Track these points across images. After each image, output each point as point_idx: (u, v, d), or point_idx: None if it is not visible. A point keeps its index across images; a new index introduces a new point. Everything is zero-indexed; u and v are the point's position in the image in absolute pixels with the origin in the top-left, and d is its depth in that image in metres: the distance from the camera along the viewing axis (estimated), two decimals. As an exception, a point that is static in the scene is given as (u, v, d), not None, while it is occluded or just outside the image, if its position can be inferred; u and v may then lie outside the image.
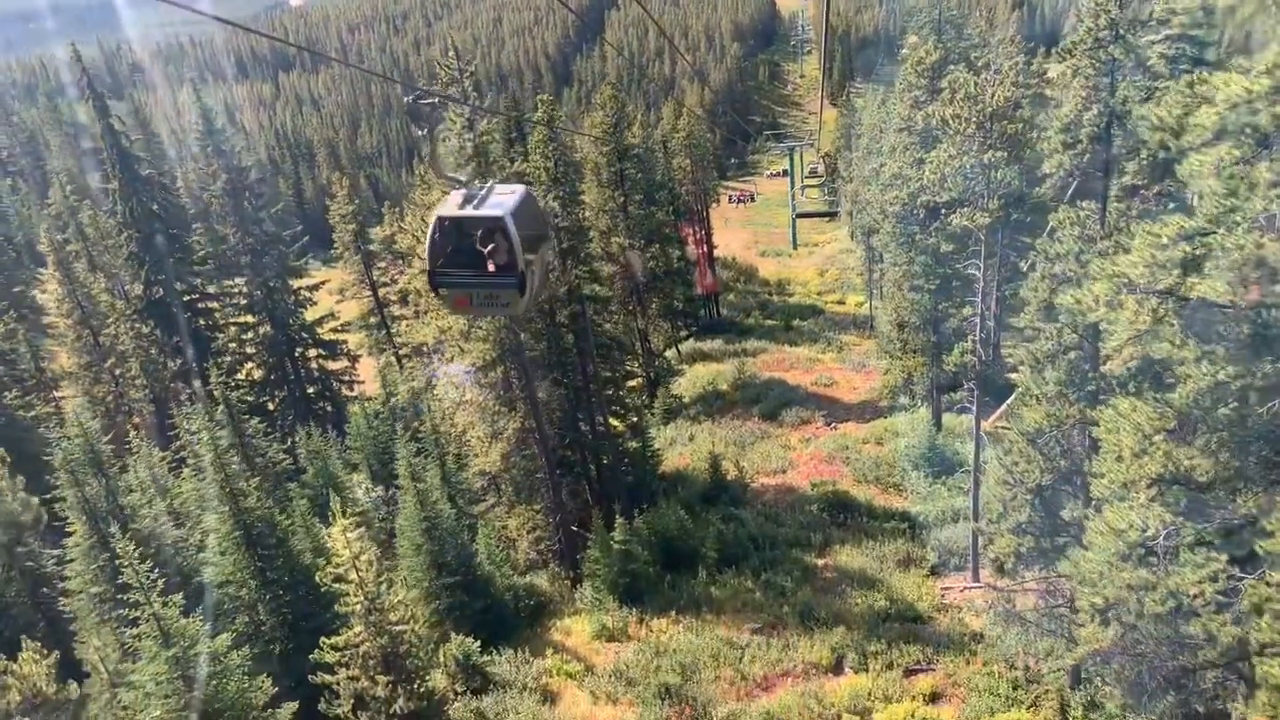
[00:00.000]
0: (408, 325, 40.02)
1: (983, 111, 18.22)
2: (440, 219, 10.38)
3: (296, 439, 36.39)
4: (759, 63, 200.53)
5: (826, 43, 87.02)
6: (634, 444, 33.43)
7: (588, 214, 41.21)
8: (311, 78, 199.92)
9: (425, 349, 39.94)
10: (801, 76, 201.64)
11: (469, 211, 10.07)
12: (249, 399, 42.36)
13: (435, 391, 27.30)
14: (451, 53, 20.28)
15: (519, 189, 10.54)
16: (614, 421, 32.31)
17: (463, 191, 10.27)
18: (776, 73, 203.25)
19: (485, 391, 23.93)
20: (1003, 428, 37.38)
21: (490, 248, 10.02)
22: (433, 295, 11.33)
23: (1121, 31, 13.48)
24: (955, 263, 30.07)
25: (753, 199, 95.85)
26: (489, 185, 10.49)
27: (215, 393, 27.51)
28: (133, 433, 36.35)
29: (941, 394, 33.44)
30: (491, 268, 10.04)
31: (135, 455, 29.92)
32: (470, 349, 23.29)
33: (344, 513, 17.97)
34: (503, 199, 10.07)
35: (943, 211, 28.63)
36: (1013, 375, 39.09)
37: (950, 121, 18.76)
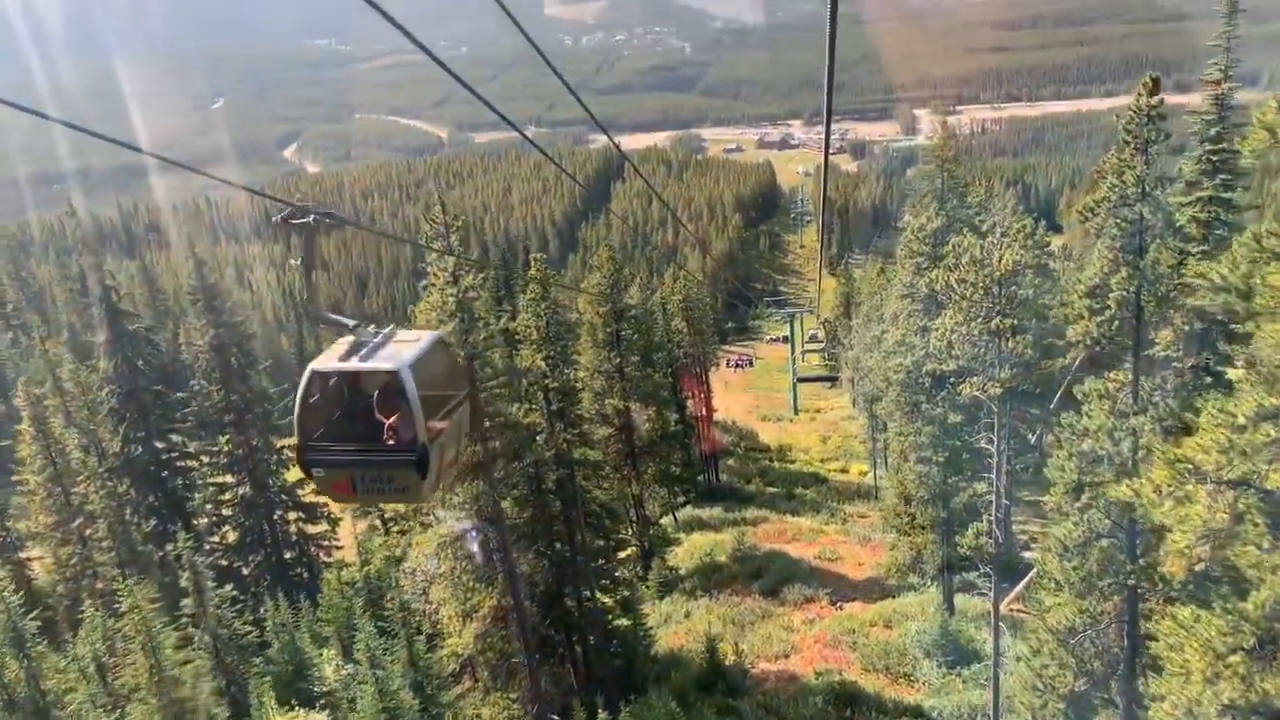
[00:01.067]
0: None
1: (990, 276, 17.24)
2: (315, 374, 8.23)
3: (265, 609, 34.04)
4: (760, 233, 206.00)
5: (824, 215, 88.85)
6: (624, 621, 31.05)
7: (582, 374, 40.27)
8: (323, 239, 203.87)
9: (408, 513, 38.10)
10: (801, 246, 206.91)
11: (354, 364, 7.97)
12: (223, 563, 40.52)
13: (407, 563, 25.27)
14: (438, 206, 19.47)
15: (426, 336, 8.60)
16: (603, 597, 30.07)
17: (350, 339, 8.24)
18: (777, 242, 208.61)
19: (459, 564, 22.01)
20: (1019, 611, 35.01)
21: (384, 414, 7.98)
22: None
23: (1149, 189, 12.55)
24: (964, 434, 28.68)
25: (751, 363, 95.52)
26: (387, 330, 8.48)
27: (181, 559, 25.70)
28: (88, 601, 34.09)
29: (953, 574, 31.30)
30: (390, 440, 7.93)
31: (86, 628, 27.73)
32: (443, 517, 21.59)
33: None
34: (401, 349, 8.06)
35: (950, 380, 27.40)
36: (1027, 554, 37.03)
37: (956, 287, 17.78)
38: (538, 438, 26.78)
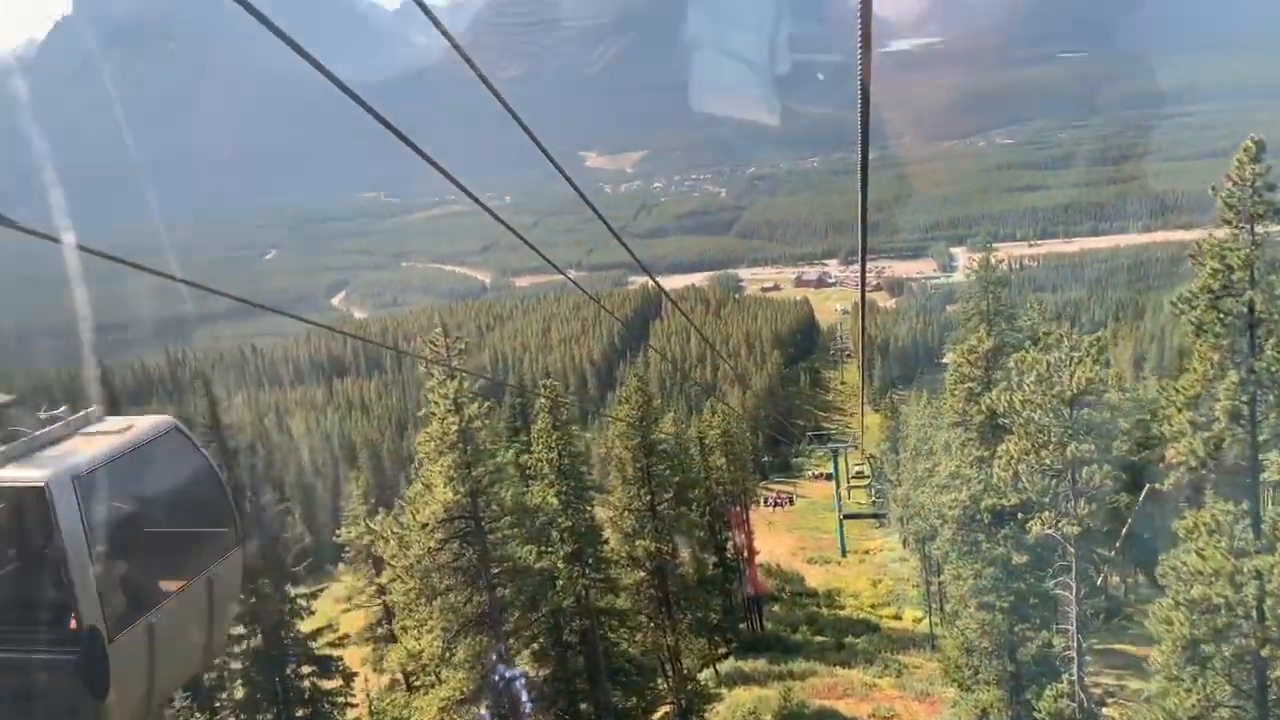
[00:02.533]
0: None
1: (1059, 397, 15.12)
2: None
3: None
4: (800, 370, 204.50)
5: (864, 350, 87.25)
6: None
7: (611, 513, 37.90)
8: (365, 383, 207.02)
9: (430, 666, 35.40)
10: (843, 383, 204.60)
11: None
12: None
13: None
14: (439, 329, 17.90)
15: (144, 424, 5.60)
16: (631, 764, 26.97)
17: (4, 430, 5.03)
18: (818, 379, 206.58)
19: (464, 733, 19.47)
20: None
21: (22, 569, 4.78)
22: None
23: (1259, 274, 10.54)
24: (1030, 577, 25.79)
25: (792, 502, 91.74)
26: (77, 416, 5.46)
27: None
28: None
29: (1027, 736, 27.70)
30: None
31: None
32: (446, 678, 19.14)
33: None
34: (83, 448, 4.95)
35: (1012, 516, 24.76)
36: (1104, 710, 33.15)
37: (1020, 409, 15.64)
38: (556, 583, 24.44)
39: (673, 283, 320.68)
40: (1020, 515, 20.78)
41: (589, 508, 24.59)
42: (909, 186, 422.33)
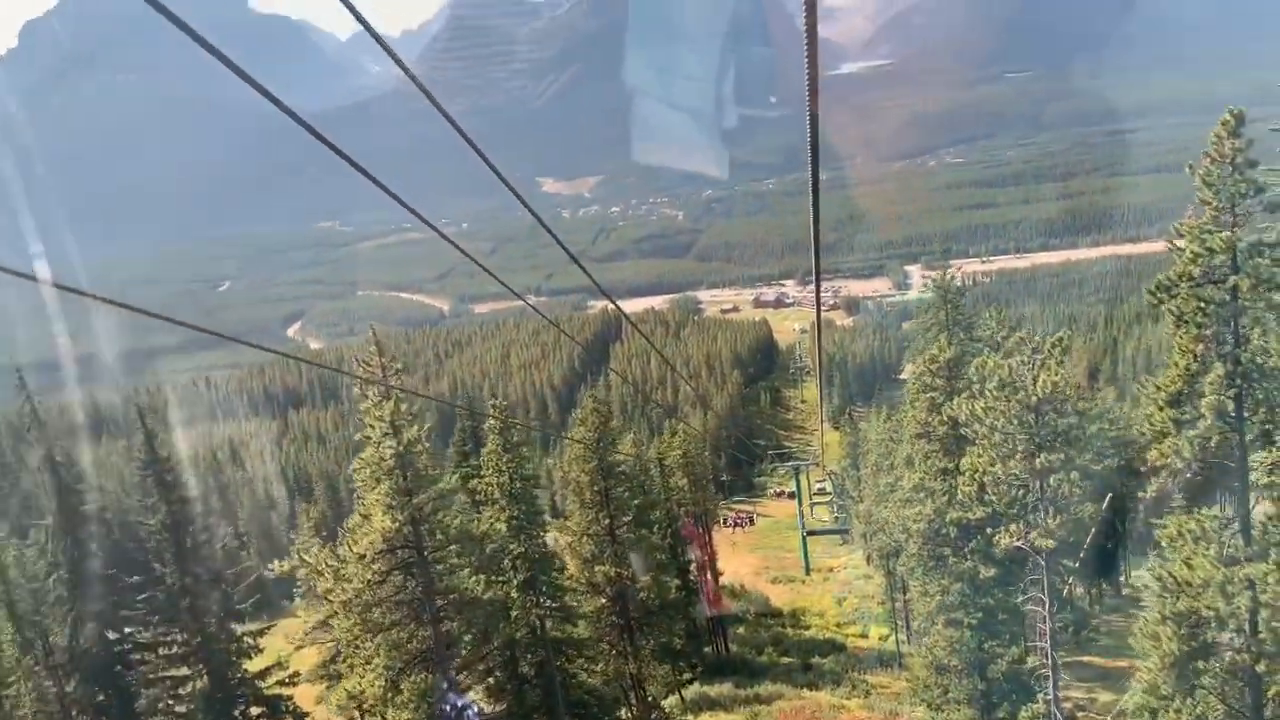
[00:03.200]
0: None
1: (1023, 403, 14.44)
2: None
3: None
4: (760, 389, 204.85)
5: (822, 368, 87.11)
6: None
7: (569, 539, 36.77)
8: (320, 414, 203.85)
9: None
10: (803, 401, 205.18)
11: None
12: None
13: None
14: (373, 346, 16.88)
15: None
16: (593, 803, 25.80)
17: None
18: (778, 398, 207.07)
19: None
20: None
21: None
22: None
23: (1243, 258, 9.87)
24: (997, 591, 25.17)
25: (752, 521, 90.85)
26: None
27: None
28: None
29: (999, 755, 26.98)
30: None
31: None
32: (393, 718, 17.93)
33: None
34: None
35: (979, 529, 24.13)
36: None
37: (983, 417, 14.93)
38: (510, 614, 23.34)
39: (632, 306, 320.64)
40: (988, 529, 20.14)
41: (542, 533, 23.49)
42: (862, 207, 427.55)
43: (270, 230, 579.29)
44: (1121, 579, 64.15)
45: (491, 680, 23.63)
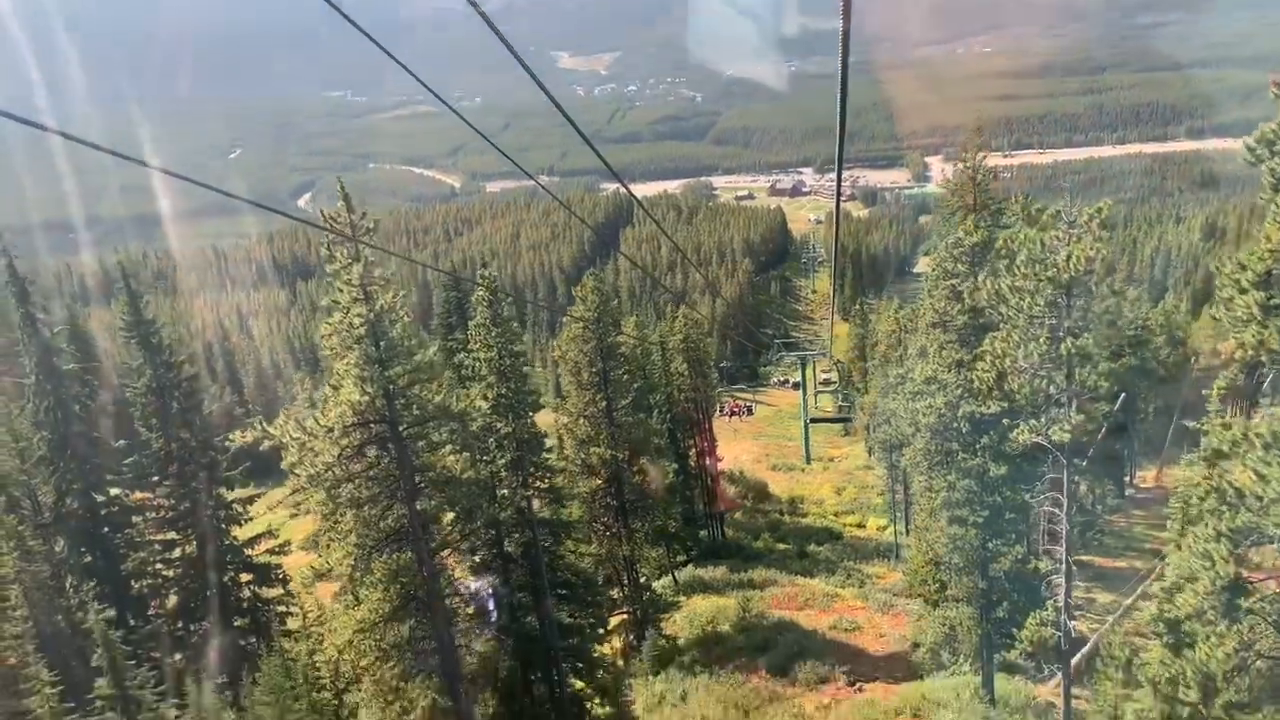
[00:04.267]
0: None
1: (1056, 279, 12.89)
2: None
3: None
4: (771, 278, 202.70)
5: (836, 255, 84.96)
6: (605, 710, 26.40)
7: (566, 419, 35.89)
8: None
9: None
10: (814, 292, 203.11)
11: None
12: (166, 630, 36.24)
13: (320, 655, 20.75)
14: (341, 203, 15.33)
15: None
16: (578, 683, 25.43)
17: None
18: (789, 288, 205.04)
19: (382, 658, 17.49)
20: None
21: None
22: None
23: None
24: (1005, 489, 24.13)
25: (750, 411, 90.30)
26: None
27: (95, 632, 21.91)
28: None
29: (993, 653, 26.49)
30: None
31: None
32: (365, 597, 17.12)
33: None
34: None
35: (993, 424, 22.89)
36: (1076, 624, 32.15)
37: (1010, 297, 13.41)
38: (497, 494, 22.42)
39: (646, 189, 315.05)
40: (1004, 422, 18.87)
41: (532, 413, 22.41)
42: (886, 94, 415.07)
43: (279, 96, 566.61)
44: (1126, 479, 63.72)
45: (476, 559, 22.88)
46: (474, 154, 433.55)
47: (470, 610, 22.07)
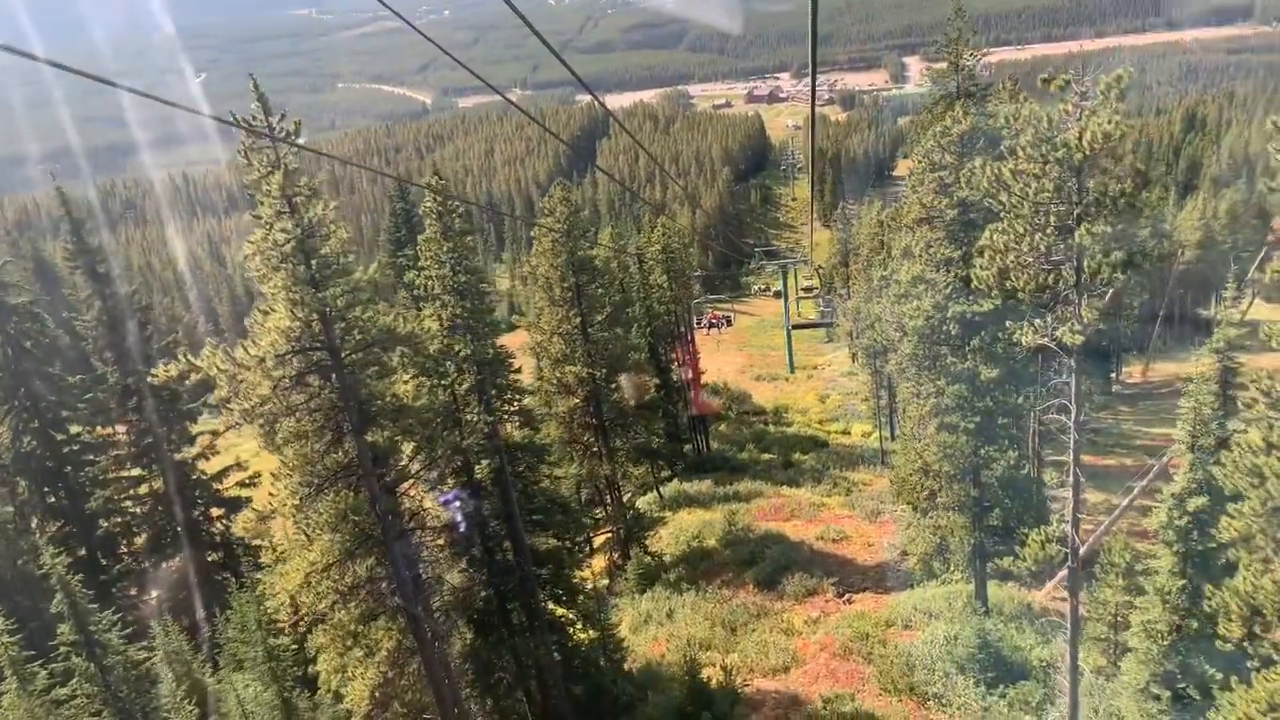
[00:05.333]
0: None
1: (1068, 160, 11.32)
2: None
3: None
4: (751, 187, 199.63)
5: (814, 162, 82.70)
6: (588, 635, 25.57)
7: (540, 337, 34.46)
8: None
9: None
10: (794, 199, 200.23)
11: None
12: (137, 568, 35.33)
13: (271, 600, 19.60)
14: (256, 104, 13.52)
15: None
16: (558, 609, 24.51)
17: None
18: (769, 196, 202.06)
19: (340, 601, 16.32)
20: (1056, 600, 29.50)
21: None
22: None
23: None
24: (997, 392, 22.96)
25: (729, 322, 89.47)
26: None
27: (53, 573, 20.68)
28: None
29: (986, 561, 25.69)
30: None
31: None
32: (316, 538, 15.85)
33: None
34: None
35: (984, 324, 21.59)
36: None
37: (1013, 182, 11.87)
38: (461, 420, 21.05)
39: (621, 100, 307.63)
40: (1007, 323, 17.40)
41: (493, 332, 20.86)
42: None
43: (242, 17, 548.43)
44: (1113, 375, 63.15)
45: (445, 489, 21.61)
46: (445, 69, 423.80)
47: (440, 543, 20.95)
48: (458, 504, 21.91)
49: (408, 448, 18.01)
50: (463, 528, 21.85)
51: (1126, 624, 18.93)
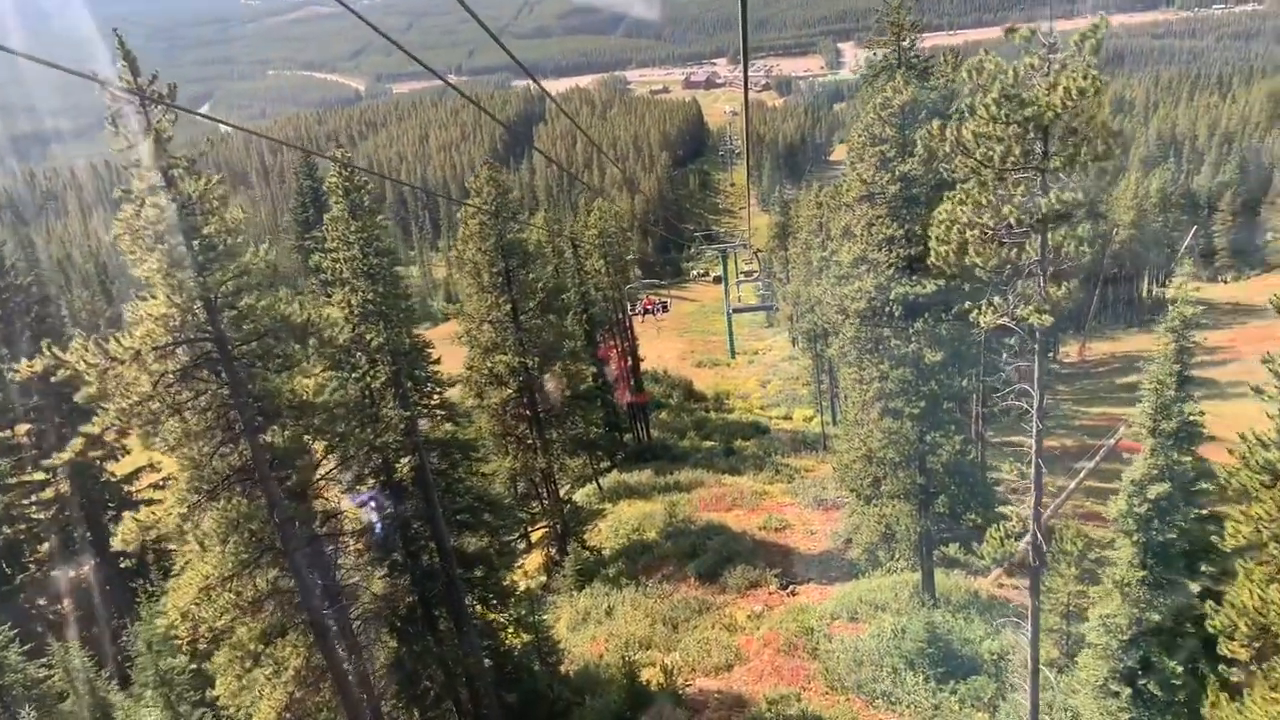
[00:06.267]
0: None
1: (1036, 119, 10.20)
2: None
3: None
4: (689, 172, 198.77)
5: (749, 145, 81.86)
6: (521, 639, 24.27)
7: (468, 325, 32.90)
8: (233, 196, 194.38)
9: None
10: (732, 184, 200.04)
11: None
12: (40, 577, 33.20)
13: (164, 619, 17.95)
14: (123, 63, 11.86)
15: None
16: (488, 613, 23.14)
17: None
18: (707, 181, 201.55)
19: (239, 617, 14.75)
20: (1006, 585, 28.93)
21: None
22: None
23: None
24: (941, 375, 22.09)
25: (665, 309, 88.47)
26: None
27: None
28: None
29: (932, 549, 24.92)
30: None
31: None
32: (209, 549, 14.27)
33: None
34: None
35: (928, 306, 20.66)
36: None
37: (975, 145, 10.73)
38: (381, 414, 19.53)
39: (558, 86, 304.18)
40: (948, 305, 16.52)
41: (408, 319, 19.29)
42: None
43: (169, 4, 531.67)
44: (1051, 354, 63.42)
45: (361, 490, 20.10)
46: (378, 55, 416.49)
47: (358, 547, 19.46)
48: (374, 506, 20.45)
49: (319, 447, 16.51)
50: (380, 531, 20.40)
51: (1080, 615, 18.21)
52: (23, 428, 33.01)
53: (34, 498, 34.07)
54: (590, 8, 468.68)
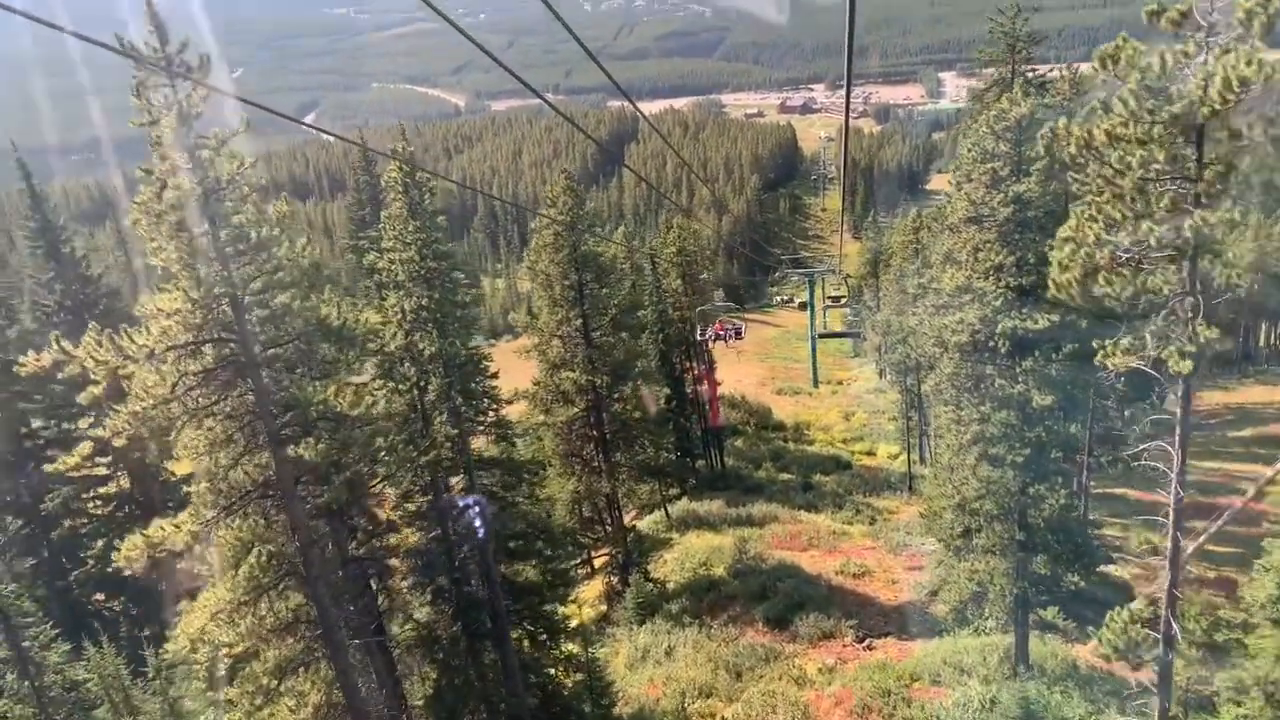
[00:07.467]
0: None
1: (1186, 117, 8.20)
2: None
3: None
4: (780, 196, 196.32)
5: (846, 167, 79.55)
6: (571, 677, 22.64)
7: (536, 339, 31.63)
8: (329, 205, 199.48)
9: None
10: (823, 210, 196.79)
11: None
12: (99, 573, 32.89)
13: (173, 644, 16.87)
14: (151, 29, 10.74)
15: None
16: (536, 650, 21.57)
17: None
18: (798, 206, 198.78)
19: (258, 645, 13.49)
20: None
21: None
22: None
23: None
24: (1049, 421, 19.84)
25: (740, 335, 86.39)
26: None
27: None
28: None
29: (1028, 612, 22.54)
30: None
31: None
32: (225, 579, 13.04)
33: None
34: None
35: (1039, 342, 18.49)
36: (1115, 570, 28.14)
37: (1109, 148, 8.77)
38: (428, 429, 18.20)
39: (652, 107, 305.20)
40: (1062, 342, 14.38)
41: (464, 328, 17.94)
42: (900, 5, 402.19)
43: (282, 15, 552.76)
44: (1158, 399, 59.45)
45: (410, 508, 18.78)
46: (478, 72, 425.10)
47: (402, 570, 18.18)
48: (478, 510, 19.07)
49: (363, 465, 15.23)
50: (484, 536, 19.02)
51: (1207, 703, 15.79)
52: (85, 421, 32.87)
53: (93, 492, 33.93)
54: (688, 30, 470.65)
